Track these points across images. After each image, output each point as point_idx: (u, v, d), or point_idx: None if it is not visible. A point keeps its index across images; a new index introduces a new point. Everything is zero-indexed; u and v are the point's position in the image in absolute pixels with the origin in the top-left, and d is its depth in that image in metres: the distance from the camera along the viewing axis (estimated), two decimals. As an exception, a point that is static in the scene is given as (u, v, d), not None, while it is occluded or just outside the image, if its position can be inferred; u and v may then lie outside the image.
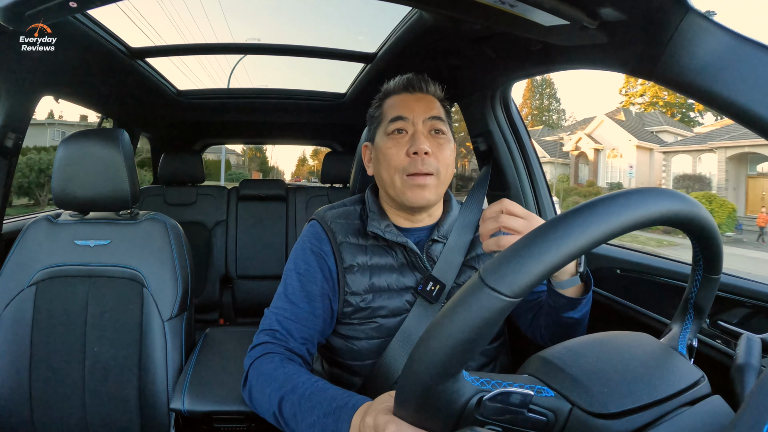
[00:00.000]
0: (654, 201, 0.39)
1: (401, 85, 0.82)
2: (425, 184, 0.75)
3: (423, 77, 0.83)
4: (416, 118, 0.78)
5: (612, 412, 0.40)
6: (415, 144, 0.75)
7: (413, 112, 0.78)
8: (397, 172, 0.76)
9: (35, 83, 1.28)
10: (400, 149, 0.76)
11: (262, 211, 2.37)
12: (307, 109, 2.15)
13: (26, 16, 0.71)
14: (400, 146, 0.77)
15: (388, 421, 0.45)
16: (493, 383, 0.41)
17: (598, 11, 0.67)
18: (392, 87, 0.84)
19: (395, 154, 0.76)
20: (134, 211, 1.15)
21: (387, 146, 0.78)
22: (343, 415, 0.55)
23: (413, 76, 0.82)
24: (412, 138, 0.77)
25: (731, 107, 0.55)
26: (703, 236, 0.44)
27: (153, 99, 1.88)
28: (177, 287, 1.06)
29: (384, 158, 0.78)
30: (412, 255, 0.79)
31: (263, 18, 59.88)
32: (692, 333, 0.52)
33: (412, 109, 0.78)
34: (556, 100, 39.40)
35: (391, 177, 0.77)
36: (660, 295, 0.94)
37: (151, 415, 1.02)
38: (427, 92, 0.82)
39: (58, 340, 1.02)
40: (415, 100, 0.80)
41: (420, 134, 0.76)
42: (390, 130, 0.78)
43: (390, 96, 0.83)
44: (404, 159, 0.76)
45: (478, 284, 0.35)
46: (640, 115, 25.20)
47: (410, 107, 0.79)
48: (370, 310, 0.77)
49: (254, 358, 0.72)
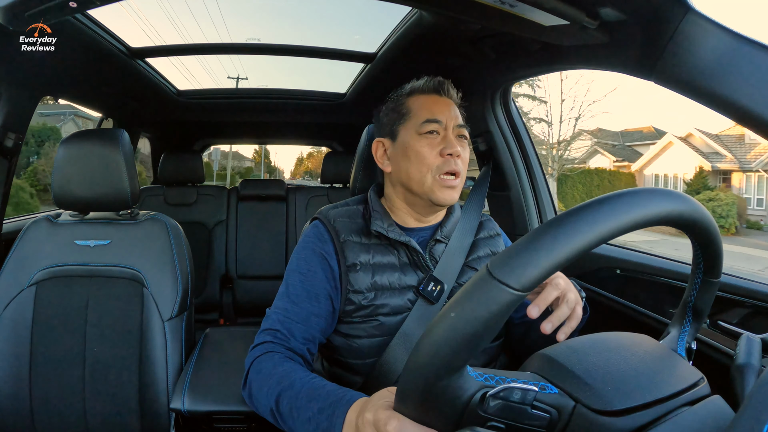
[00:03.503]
0: (660, 200, 0.39)
1: (431, 86, 0.83)
2: (454, 185, 0.79)
3: (450, 83, 0.85)
4: (449, 122, 0.80)
5: (615, 409, 0.40)
6: (449, 146, 0.78)
7: (446, 116, 0.80)
8: (430, 170, 0.78)
9: (35, 83, 1.28)
10: (433, 149, 0.79)
11: (262, 211, 2.37)
12: (307, 109, 2.15)
13: (26, 16, 0.71)
14: (433, 146, 0.79)
15: (390, 417, 0.44)
16: (497, 379, 0.41)
17: (598, 11, 0.68)
18: (421, 86, 0.84)
19: (429, 153, 0.78)
20: (134, 211, 1.15)
21: (420, 145, 0.79)
22: (337, 411, 0.55)
23: (444, 80, 0.84)
24: (443, 140, 0.79)
25: (731, 107, 0.55)
26: (704, 239, 0.44)
27: (153, 99, 1.88)
28: (177, 287, 1.06)
29: (416, 156, 0.79)
30: (414, 254, 0.80)
31: (263, 18, 60.01)
32: (691, 336, 0.52)
33: (444, 114, 0.80)
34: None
35: (423, 175, 0.78)
36: (660, 295, 0.94)
37: (151, 415, 1.02)
38: (452, 98, 0.84)
39: (58, 340, 1.02)
40: (445, 104, 0.82)
41: (452, 137, 0.79)
42: (424, 131, 0.79)
43: (417, 94, 0.84)
44: (437, 158, 0.78)
45: (486, 277, 0.35)
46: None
47: (443, 111, 0.81)
48: (372, 308, 0.77)
49: (254, 357, 0.72)
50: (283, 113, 2.21)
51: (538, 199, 1.39)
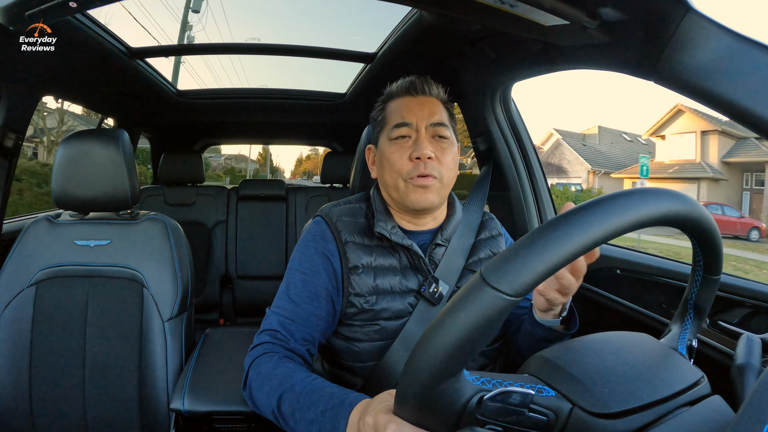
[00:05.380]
0: (654, 201, 0.38)
1: (404, 88, 0.82)
2: (427, 185, 0.75)
3: (426, 79, 0.82)
4: (419, 123, 0.78)
5: (612, 411, 0.40)
6: (418, 149, 0.75)
7: (416, 116, 0.78)
8: (400, 176, 0.77)
9: (35, 83, 1.28)
10: (404, 154, 0.77)
11: (262, 211, 2.37)
12: (307, 109, 2.15)
13: (26, 16, 0.71)
14: (404, 151, 0.77)
15: (389, 421, 0.45)
16: (494, 383, 0.41)
17: (598, 11, 0.67)
18: (395, 90, 0.83)
19: (398, 159, 0.77)
20: (134, 211, 1.15)
21: (390, 151, 0.78)
22: (340, 413, 0.55)
23: (416, 79, 0.82)
24: (415, 143, 0.77)
25: (731, 107, 0.55)
26: (703, 237, 0.44)
27: (153, 99, 1.88)
28: (177, 287, 1.06)
29: (387, 163, 0.78)
30: (415, 257, 0.79)
31: (263, 18, 59.94)
32: (692, 334, 0.52)
33: (415, 114, 0.78)
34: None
35: (395, 181, 0.77)
36: (660, 295, 0.94)
37: (151, 415, 1.02)
38: (430, 95, 0.81)
39: (58, 340, 1.02)
40: (418, 104, 0.79)
41: (423, 139, 0.76)
42: (393, 136, 0.78)
43: (393, 99, 0.83)
44: (407, 163, 0.76)
45: (480, 283, 0.35)
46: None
47: (413, 112, 0.78)
48: (373, 312, 0.77)
49: (254, 358, 0.72)
50: (283, 113, 2.21)
51: (538, 199, 1.39)
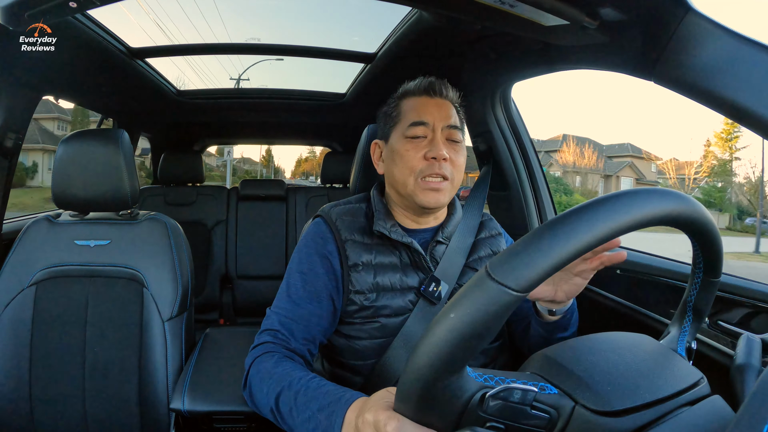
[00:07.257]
0: (658, 201, 0.39)
1: (422, 87, 0.82)
2: (440, 188, 0.76)
3: (443, 82, 0.83)
4: (436, 124, 0.78)
5: (615, 410, 0.40)
6: (434, 149, 0.76)
7: (434, 117, 0.78)
8: (412, 173, 0.77)
9: (35, 83, 1.28)
10: (418, 152, 0.77)
11: (262, 211, 2.37)
12: (307, 109, 2.15)
13: (26, 16, 0.70)
14: (419, 149, 0.77)
15: (389, 417, 0.44)
16: (497, 380, 0.41)
17: (598, 11, 0.67)
18: (412, 88, 0.83)
19: (413, 157, 0.77)
20: (134, 211, 1.15)
21: (405, 148, 0.78)
22: (336, 410, 0.55)
23: (435, 80, 0.82)
24: (430, 143, 0.77)
25: (731, 107, 0.55)
26: (704, 238, 0.44)
27: (153, 99, 1.88)
28: (177, 287, 1.06)
29: (400, 159, 0.78)
30: (416, 255, 0.79)
31: (263, 18, 60.00)
32: (691, 335, 0.52)
33: (432, 115, 0.79)
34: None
35: (405, 178, 0.78)
36: (660, 295, 0.94)
37: (151, 415, 1.02)
38: (447, 98, 0.82)
39: (58, 340, 1.02)
40: (435, 105, 0.80)
41: (439, 140, 0.77)
42: (409, 134, 0.78)
43: (409, 97, 0.83)
44: (421, 161, 0.77)
45: (485, 278, 0.35)
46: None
47: (431, 112, 0.79)
48: (373, 309, 0.77)
49: (255, 357, 0.72)
50: (282, 113, 2.21)
51: (538, 199, 1.39)
